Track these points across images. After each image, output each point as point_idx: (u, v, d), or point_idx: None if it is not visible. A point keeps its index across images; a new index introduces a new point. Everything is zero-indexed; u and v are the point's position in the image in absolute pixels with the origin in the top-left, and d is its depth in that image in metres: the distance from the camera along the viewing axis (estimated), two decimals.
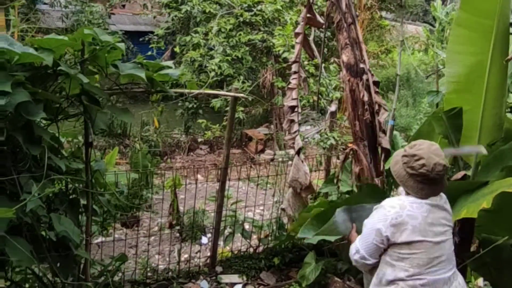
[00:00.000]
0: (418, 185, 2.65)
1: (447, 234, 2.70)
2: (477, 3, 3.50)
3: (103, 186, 3.52)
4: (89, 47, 3.00)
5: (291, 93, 4.61)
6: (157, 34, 12.36)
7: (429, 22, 22.10)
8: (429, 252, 2.60)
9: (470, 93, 3.70)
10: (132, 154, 9.76)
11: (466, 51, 3.64)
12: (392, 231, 2.61)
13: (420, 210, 2.63)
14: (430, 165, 2.59)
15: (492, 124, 3.73)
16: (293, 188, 4.48)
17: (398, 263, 2.64)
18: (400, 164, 2.72)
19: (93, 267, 3.93)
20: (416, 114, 14.33)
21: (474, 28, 3.55)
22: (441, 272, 2.63)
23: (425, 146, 2.68)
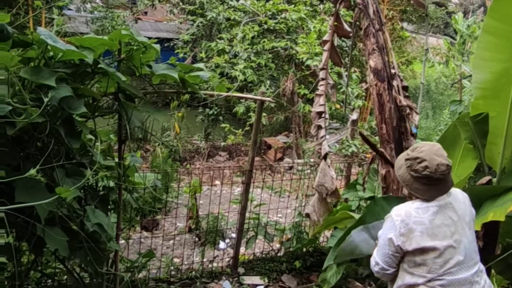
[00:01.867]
0: (423, 187, 2.64)
1: (462, 233, 2.64)
2: (505, 11, 3.53)
3: (133, 184, 3.61)
4: (125, 47, 3.10)
5: (319, 99, 4.66)
6: (183, 40, 12.54)
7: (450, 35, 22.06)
8: (444, 255, 2.56)
9: (497, 100, 3.73)
10: (153, 159, 9.88)
11: (493, 58, 3.67)
12: (403, 240, 2.61)
13: (426, 215, 2.61)
14: (433, 166, 2.59)
15: None
16: (319, 193, 4.51)
17: (416, 270, 2.62)
18: (403, 168, 2.72)
19: (120, 262, 4.02)
20: (436, 126, 14.31)
21: (502, 35, 3.59)
22: (461, 272, 2.58)
23: (426, 148, 2.68)
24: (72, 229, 2.94)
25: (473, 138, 3.98)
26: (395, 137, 4.08)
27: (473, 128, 3.92)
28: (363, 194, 5.34)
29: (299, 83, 11.74)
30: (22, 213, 2.54)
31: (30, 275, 3.64)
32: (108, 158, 3.39)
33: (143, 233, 6.84)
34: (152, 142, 12.07)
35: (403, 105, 4.09)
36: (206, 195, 8.45)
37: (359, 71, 11.54)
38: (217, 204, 5.70)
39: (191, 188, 6.62)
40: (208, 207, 6.29)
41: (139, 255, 3.97)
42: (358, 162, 7.95)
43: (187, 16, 13.02)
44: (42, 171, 2.37)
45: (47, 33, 2.63)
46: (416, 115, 4.13)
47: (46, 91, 2.48)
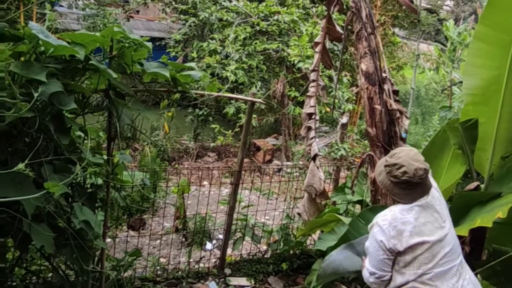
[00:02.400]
0: (403, 191, 2.73)
1: (444, 228, 2.74)
2: (497, 18, 3.56)
3: (121, 182, 3.59)
4: (117, 44, 3.08)
5: (309, 101, 4.67)
6: (175, 39, 12.51)
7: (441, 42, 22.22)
8: (432, 250, 2.66)
9: (487, 106, 3.76)
10: (141, 158, 9.83)
11: (484, 64, 3.70)
12: (394, 243, 2.68)
13: (410, 214, 2.70)
14: (411, 171, 2.67)
15: (506, 137, 3.78)
16: (308, 194, 4.54)
17: (407, 269, 2.69)
18: (383, 174, 2.81)
19: (107, 261, 3.99)
20: (425, 132, 14.39)
21: (493, 43, 3.62)
22: (447, 263, 2.68)
23: (404, 154, 2.76)
24: (58, 226, 2.92)
25: (462, 143, 4.01)
26: (385, 141, 4.10)
27: (462, 134, 3.95)
28: (352, 198, 5.36)
29: (290, 86, 11.75)
30: (8, 208, 2.51)
31: (15, 272, 3.61)
32: (97, 155, 3.36)
33: (129, 232, 6.79)
34: (141, 141, 12.01)
35: (393, 109, 4.11)
36: (194, 195, 8.42)
37: (350, 75, 11.58)
38: (205, 204, 5.68)
39: (179, 188, 6.58)
40: (196, 207, 6.26)
41: (125, 253, 3.94)
42: (347, 166, 7.97)
43: (179, 15, 12.98)
44: (30, 167, 2.35)
45: (39, 28, 2.61)
46: (406, 120, 4.15)
47: (36, 86, 2.47)
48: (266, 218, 7.60)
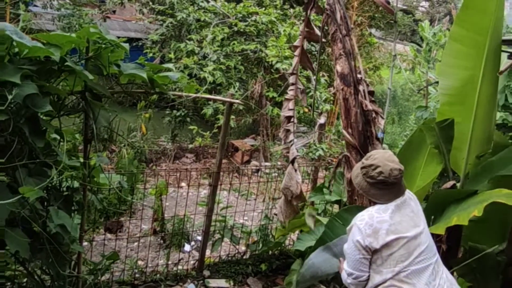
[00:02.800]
0: (379, 192, 2.82)
1: (420, 225, 2.82)
2: (471, 19, 3.62)
3: (98, 185, 3.54)
4: (94, 45, 3.04)
5: (288, 104, 4.68)
6: (152, 40, 12.41)
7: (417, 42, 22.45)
8: (408, 246, 2.71)
9: (462, 106, 3.81)
10: (118, 160, 9.73)
11: (459, 65, 3.76)
12: (370, 241, 2.73)
13: (386, 213, 2.77)
14: (386, 171, 2.77)
15: (481, 136, 3.84)
16: (285, 196, 4.55)
17: (384, 267, 2.74)
18: (360, 176, 2.91)
19: (83, 265, 3.93)
20: (401, 131, 14.54)
21: (468, 43, 3.68)
22: (423, 261, 2.73)
23: (379, 155, 2.87)
24: (34, 230, 2.87)
25: (438, 143, 4.06)
26: (361, 142, 4.13)
27: (438, 134, 3.99)
28: (330, 198, 5.39)
29: (268, 86, 11.75)
30: None
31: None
32: (73, 158, 3.32)
33: (107, 235, 6.72)
34: (118, 142, 11.90)
35: (368, 110, 4.14)
36: (172, 197, 8.37)
37: (328, 75, 11.63)
38: (183, 206, 5.65)
39: (157, 190, 6.53)
40: (174, 209, 6.22)
41: (102, 257, 3.89)
42: (325, 166, 8.01)
43: (156, 16, 12.89)
44: (4, 171, 2.31)
45: (13, 28, 2.56)
46: (382, 120, 4.19)
47: (10, 88, 2.42)
48: (245, 219, 7.59)
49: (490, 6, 3.49)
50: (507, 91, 6.52)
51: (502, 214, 3.94)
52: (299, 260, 5.11)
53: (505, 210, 3.80)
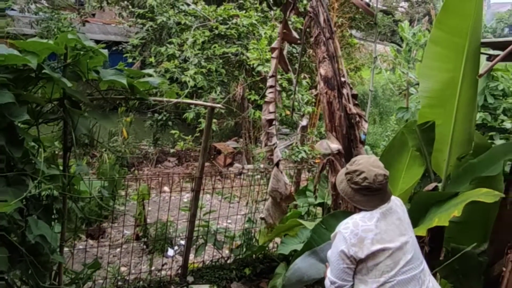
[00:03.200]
0: (364, 198, 2.77)
1: (406, 234, 2.77)
2: (450, 22, 3.65)
3: (78, 193, 3.49)
4: (72, 52, 3.00)
5: (268, 107, 4.67)
6: (132, 44, 12.31)
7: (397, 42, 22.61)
8: (393, 257, 2.67)
9: (443, 108, 3.84)
10: (100, 165, 9.64)
11: (439, 67, 3.79)
12: (355, 250, 2.68)
13: (372, 222, 2.72)
14: (371, 177, 2.73)
15: (462, 138, 3.87)
16: (273, 198, 4.54)
17: (369, 277, 2.69)
18: (344, 182, 2.86)
19: (64, 274, 3.87)
20: (383, 131, 14.62)
21: (448, 46, 3.70)
22: (409, 271, 2.69)
23: (364, 161, 2.82)
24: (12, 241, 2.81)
25: (420, 145, 4.08)
26: (345, 145, 4.13)
27: (420, 136, 4.02)
28: (313, 200, 5.40)
29: (250, 89, 11.74)
30: None
31: None
32: (52, 167, 3.26)
33: (89, 241, 6.64)
34: (99, 147, 11.79)
35: (352, 113, 4.14)
36: (154, 202, 8.31)
37: (309, 77, 11.65)
38: (166, 210, 5.60)
39: (139, 195, 6.48)
40: (156, 213, 6.18)
41: (84, 266, 3.83)
42: (308, 168, 8.01)
43: (136, 19, 12.79)
44: None
45: None
46: (365, 123, 4.20)
47: None
48: (228, 222, 7.56)
49: (468, 9, 3.51)
50: (487, 91, 6.60)
51: (484, 215, 3.99)
52: (283, 263, 5.11)
53: (486, 211, 3.85)
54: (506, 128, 6.60)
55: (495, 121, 6.71)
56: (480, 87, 5.61)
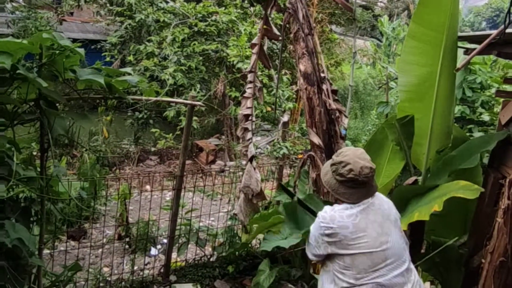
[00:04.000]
0: (348, 190, 2.71)
1: (389, 234, 2.69)
2: (428, 17, 3.67)
3: (57, 194, 3.44)
4: (47, 51, 2.95)
5: (246, 102, 4.66)
6: (110, 42, 12.20)
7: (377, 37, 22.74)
8: (372, 257, 2.60)
9: (422, 102, 3.86)
10: (80, 165, 9.55)
11: (417, 62, 3.81)
12: (327, 240, 2.67)
13: (350, 219, 2.65)
14: (357, 169, 2.66)
15: (441, 131, 3.90)
16: (245, 194, 4.53)
17: (346, 271, 2.65)
18: (329, 173, 2.79)
19: (45, 277, 3.82)
20: (364, 126, 14.69)
21: (425, 40, 3.73)
22: (391, 272, 2.63)
23: (350, 152, 2.76)
24: None
25: (400, 139, 4.11)
26: (325, 141, 4.14)
27: (399, 130, 4.04)
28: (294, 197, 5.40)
29: (231, 86, 11.72)
30: None
31: None
32: (30, 168, 3.21)
33: (70, 242, 6.57)
34: (80, 147, 11.67)
35: (332, 109, 4.15)
36: (136, 201, 8.25)
37: (290, 73, 11.66)
38: (148, 209, 5.57)
39: (120, 194, 6.42)
40: (138, 212, 6.13)
41: (64, 268, 3.79)
42: (289, 164, 8.02)
43: (114, 17, 12.67)
44: None
45: None
46: (345, 119, 4.21)
47: None
48: (211, 220, 7.54)
49: (445, 3, 3.54)
50: (465, 85, 6.66)
51: (463, 207, 4.03)
52: (266, 260, 5.10)
53: (465, 203, 3.87)
54: (484, 120, 6.68)
55: (473, 114, 6.78)
56: (458, 80, 5.67)
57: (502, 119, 3.67)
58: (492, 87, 6.99)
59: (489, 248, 2.85)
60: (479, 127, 6.71)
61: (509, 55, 3.62)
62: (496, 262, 2.75)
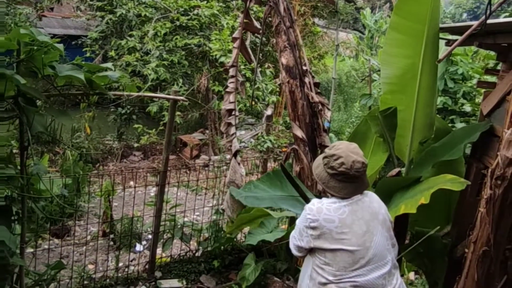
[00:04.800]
0: (339, 184, 2.67)
1: (374, 233, 2.65)
2: (409, 8, 3.68)
3: (38, 192, 3.40)
4: (25, 47, 2.90)
5: (228, 97, 4.63)
6: (91, 38, 12.06)
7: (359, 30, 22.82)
8: (354, 255, 2.57)
9: (404, 94, 3.87)
10: (62, 162, 9.47)
11: (399, 53, 3.82)
12: (312, 233, 2.64)
13: (337, 213, 2.62)
14: (348, 163, 2.62)
15: (424, 123, 3.92)
16: None
17: (326, 267, 2.63)
18: (321, 166, 2.76)
19: (27, 277, 3.77)
20: (348, 118, 14.74)
21: (407, 32, 3.74)
22: (372, 272, 2.60)
23: (343, 146, 2.73)
24: None
25: (383, 131, 4.12)
26: (308, 134, 4.13)
27: (382, 122, 4.05)
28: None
29: (214, 80, 11.66)
30: None
31: None
32: (10, 167, 3.16)
33: (54, 240, 6.51)
34: (62, 144, 11.55)
35: (315, 102, 4.14)
36: (120, 197, 8.20)
37: (273, 66, 11.63)
38: (132, 205, 5.53)
39: (104, 191, 6.37)
40: (122, 209, 6.09)
41: (47, 267, 3.74)
42: (274, 158, 8.02)
43: (95, 12, 12.53)
44: None
45: None
46: (328, 111, 4.20)
47: None
48: (196, 214, 7.51)
49: None
50: (446, 76, 6.71)
51: (446, 198, 4.06)
52: (252, 254, 5.10)
53: (448, 193, 3.90)
54: (466, 111, 6.74)
55: (455, 105, 6.85)
56: (440, 71, 5.70)
57: (484, 109, 3.70)
58: (473, 78, 7.05)
59: (472, 238, 2.86)
60: (461, 118, 6.77)
61: (490, 45, 3.65)
62: (479, 252, 2.77)
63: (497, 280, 3.03)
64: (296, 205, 3.55)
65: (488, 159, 3.61)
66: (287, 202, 3.76)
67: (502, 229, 2.65)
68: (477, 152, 3.81)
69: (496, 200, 2.55)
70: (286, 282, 5.13)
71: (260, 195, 3.78)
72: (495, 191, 2.54)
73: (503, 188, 2.50)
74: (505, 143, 2.44)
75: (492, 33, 3.46)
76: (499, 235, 2.66)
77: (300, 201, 3.58)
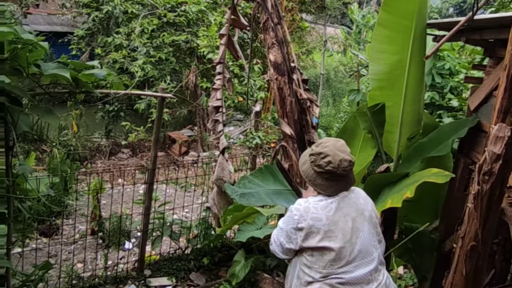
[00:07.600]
0: (326, 182, 2.64)
1: (360, 228, 2.63)
2: (397, 4, 3.68)
3: (24, 192, 3.36)
4: (9, 45, 2.87)
5: (215, 94, 4.61)
6: (77, 35, 11.96)
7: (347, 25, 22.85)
8: (341, 252, 2.55)
9: (392, 90, 3.88)
10: (50, 160, 9.39)
11: (387, 50, 3.82)
12: (300, 234, 2.61)
13: (324, 211, 2.60)
14: (336, 161, 2.59)
15: (411, 118, 3.93)
16: (218, 187, 4.50)
17: (313, 265, 2.61)
18: (308, 163, 2.72)
19: (14, 278, 3.74)
20: (336, 113, 14.77)
21: (394, 28, 3.74)
22: (358, 269, 2.59)
23: (330, 144, 2.68)
24: None
25: (371, 127, 4.13)
26: (297, 131, 4.12)
27: (370, 118, 4.06)
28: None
29: (202, 77, 11.61)
30: None
31: None
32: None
33: (42, 239, 6.46)
34: (49, 142, 11.46)
35: (303, 99, 4.13)
36: (109, 195, 8.14)
37: (261, 62, 11.60)
38: (121, 203, 5.50)
39: (92, 189, 6.32)
40: (111, 207, 6.06)
41: (34, 268, 3.70)
42: (262, 154, 8.02)
43: (81, 9, 12.41)
44: None
45: None
46: (316, 108, 4.20)
47: None
48: (185, 211, 7.49)
49: None
50: (434, 71, 6.74)
51: (434, 193, 4.08)
52: (242, 251, 5.11)
53: (436, 189, 3.94)
54: (453, 106, 6.78)
55: (442, 100, 6.88)
56: (428, 67, 5.71)
57: (471, 104, 3.72)
58: (460, 73, 7.10)
59: (460, 233, 2.87)
60: (448, 113, 6.81)
61: (476, 41, 3.66)
62: (467, 247, 2.77)
63: (485, 274, 3.05)
64: (290, 199, 3.54)
65: (476, 154, 3.63)
66: (282, 197, 3.75)
67: (489, 224, 2.66)
68: (464, 148, 3.83)
69: (484, 196, 2.56)
70: (276, 278, 5.13)
71: (255, 191, 3.76)
72: (482, 186, 2.54)
73: (490, 184, 2.51)
74: (493, 138, 2.45)
75: (478, 29, 3.48)
76: (487, 230, 2.67)
77: (293, 195, 3.60)
